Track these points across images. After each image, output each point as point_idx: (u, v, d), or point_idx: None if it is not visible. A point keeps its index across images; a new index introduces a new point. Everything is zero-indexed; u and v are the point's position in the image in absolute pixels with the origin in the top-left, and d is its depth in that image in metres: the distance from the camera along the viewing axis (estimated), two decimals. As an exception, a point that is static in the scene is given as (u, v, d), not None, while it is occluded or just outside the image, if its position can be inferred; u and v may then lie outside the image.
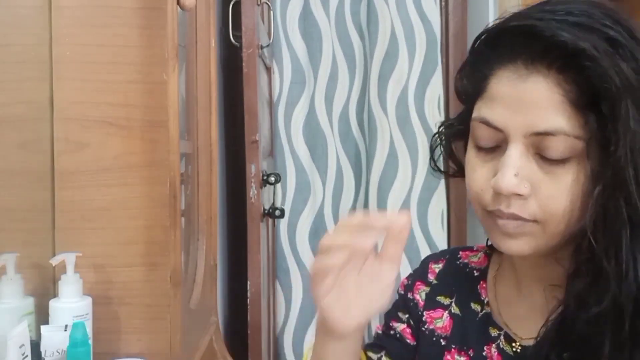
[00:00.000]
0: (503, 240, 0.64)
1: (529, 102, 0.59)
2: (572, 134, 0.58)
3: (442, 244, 2.18)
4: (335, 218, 2.24)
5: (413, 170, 2.17)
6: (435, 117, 2.17)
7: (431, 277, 0.81)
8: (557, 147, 0.58)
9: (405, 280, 0.84)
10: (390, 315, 0.82)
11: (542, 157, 0.60)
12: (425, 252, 2.14)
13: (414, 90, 2.18)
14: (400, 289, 0.83)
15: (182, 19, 1.16)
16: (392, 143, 2.18)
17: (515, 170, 0.60)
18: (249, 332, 1.77)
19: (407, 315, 0.80)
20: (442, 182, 2.19)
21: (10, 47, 0.97)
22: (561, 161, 0.59)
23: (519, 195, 0.60)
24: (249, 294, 1.77)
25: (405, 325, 0.80)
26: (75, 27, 0.97)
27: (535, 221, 0.61)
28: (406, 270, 0.89)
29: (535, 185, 0.60)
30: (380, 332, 0.83)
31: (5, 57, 0.97)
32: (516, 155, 0.60)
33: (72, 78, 0.97)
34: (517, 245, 0.63)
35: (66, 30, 0.97)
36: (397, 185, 2.17)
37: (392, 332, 0.81)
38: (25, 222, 0.97)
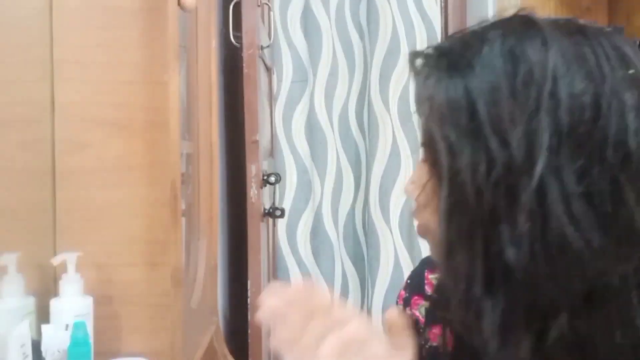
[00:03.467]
0: None
1: None
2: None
3: (442, 244, 2.18)
4: (335, 218, 2.24)
5: (414, 169, 2.18)
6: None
7: (429, 290, 0.78)
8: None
9: (403, 293, 0.80)
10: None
11: None
12: (427, 252, 2.14)
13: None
14: (398, 301, 0.80)
15: (183, 20, 1.17)
16: (394, 141, 2.18)
17: (414, 177, 0.61)
18: (249, 332, 1.77)
19: None
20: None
21: (11, 48, 0.97)
22: None
23: (415, 201, 0.61)
24: (249, 294, 1.77)
25: None
26: (76, 28, 0.97)
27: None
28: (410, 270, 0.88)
29: (428, 196, 0.59)
30: None
31: (6, 58, 0.97)
32: (419, 163, 0.61)
33: (73, 78, 0.97)
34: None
35: (67, 30, 0.97)
36: (400, 184, 2.17)
37: None
38: (26, 221, 0.97)
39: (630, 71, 0.53)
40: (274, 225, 2.21)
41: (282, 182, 2.17)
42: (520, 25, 0.56)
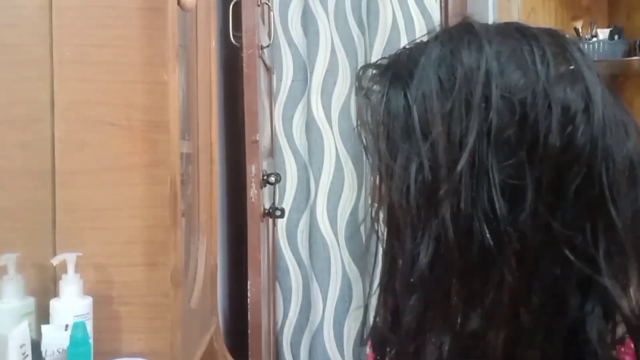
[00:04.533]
0: None
1: None
2: None
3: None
4: (332, 218, 2.23)
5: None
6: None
7: None
8: None
9: None
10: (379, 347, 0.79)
11: None
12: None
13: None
14: None
15: (183, 20, 1.17)
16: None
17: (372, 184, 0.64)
18: (249, 332, 1.77)
19: None
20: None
21: (11, 48, 0.97)
22: None
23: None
24: (249, 294, 1.77)
25: None
26: (76, 28, 0.97)
27: None
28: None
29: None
30: None
31: (6, 57, 0.97)
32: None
33: (72, 78, 0.97)
34: None
35: (67, 30, 0.97)
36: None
37: None
38: (26, 221, 0.97)
39: (571, 67, 0.54)
40: (274, 225, 2.21)
41: (282, 182, 2.17)
42: (458, 32, 0.58)
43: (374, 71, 0.61)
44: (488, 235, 0.52)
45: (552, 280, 0.53)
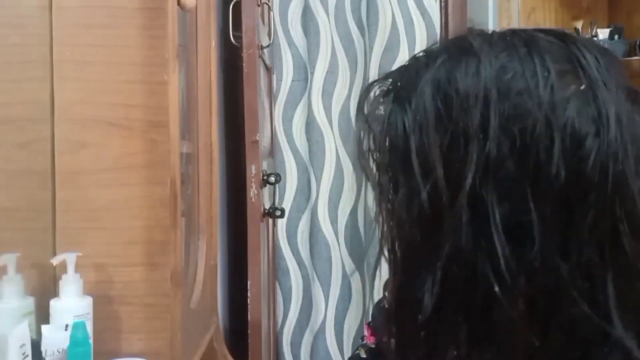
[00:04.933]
0: None
1: None
2: None
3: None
4: (333, 218, 2.23)
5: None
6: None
7: None
8: None
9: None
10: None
11: None
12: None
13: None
14: (369, 339, 0.80)
15: (183, 20, 1.17)
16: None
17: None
18: (249, 332, 1.77)
19: None
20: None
21: (11, 48, 0.97)
22: None
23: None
24: (249, 294, 1.77)
25: None
26: (76, 28, 0.97)
27: None
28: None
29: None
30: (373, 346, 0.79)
31: (6, 57, 0.97)
32: None
33: (72, 78, 0.97)
34: None
35: (67, 30, 0.97)
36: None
37: None
38: (25, 222, 0.97)
39: (582, 87, 0.50)
40: (274, 225, 2.21)
41: (282, 182, 2.17)
42: (455, 51, 0.54)
43: (379, 90, 0.57)
44: (492, 277, 0.48)
45: (567, 326, 0.49)
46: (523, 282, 0.48)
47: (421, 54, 0.57)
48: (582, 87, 0.50)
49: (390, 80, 0.57)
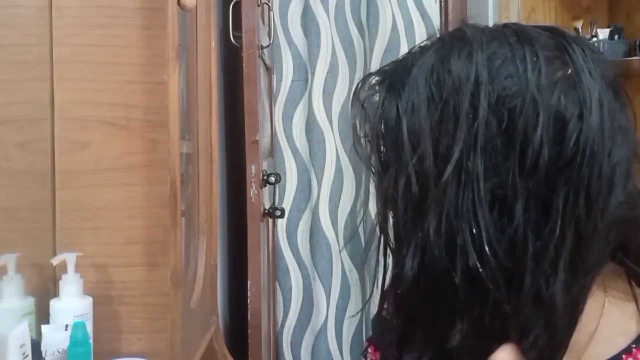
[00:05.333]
0: None
1: None
2: None
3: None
4: (333, 218, 2.23)
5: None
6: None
7: None
8: None
9: None
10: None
11: None
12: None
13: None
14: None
15: (183, 20, 1.17)
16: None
17: None
18: (249, 332, 1.77)
19: None
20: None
21: (10, 48, 0.97)
22: None
23: None
24: (249, 294, 1.77)
25: None
26: (76, 28, 0.97)
27: None
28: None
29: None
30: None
31: (6, 58, 0.97)
32: None
33: (72, 78, 0.97)
34: None
35: (67, 30, 0.97)
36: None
37: None
38: (25, 222, 0.97)
39: (568, 72, 0.53)
40: (274, 225, 2.21)
41: (282, 182, 2.17)
42: (451, 40, 0.57)
43: (375, 80, 0.60)
44: (471, 249, 0.51)
45: (539, 298, 0.51)
46: (502, 255, 0.51)
47: (416, 48, 0.59)
48: (569, 72, 0.53)
49: (386, 69, 0.60)
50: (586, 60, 0.54)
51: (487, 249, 0.51)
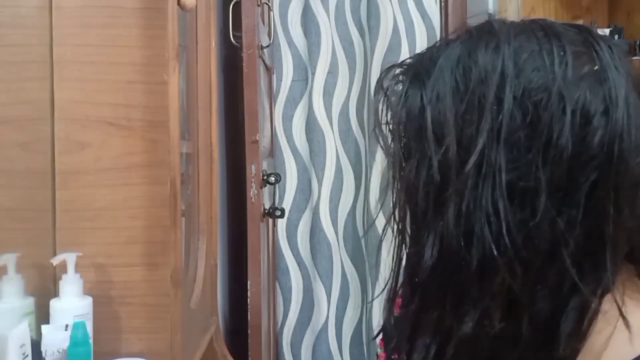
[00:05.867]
0: None
1: None
2: None
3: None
4: (334, 218, 2.24)
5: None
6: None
7: None
8: None
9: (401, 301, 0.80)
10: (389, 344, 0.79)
11: None
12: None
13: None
14: (396, 310, 0.79)
15: (183, 20, 1.17)
16: (394, 139, 2.17)
17: None
18: (249, 332, 1.77)
19: None
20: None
21: (11, 48, 0.97)
22: None
23: None
24: (249, 294, 1.77)
25: None
26: (76, 28, 0.97)
27: None
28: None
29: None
30: None
31: (6, 58, 0.97)
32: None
33: (72, 78, 0.97)
34: None
35: (67, 30, 0.97)
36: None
37: None
38: (25, 222, 0.97)
39: (595, 67, 0.53)
40: (274, 225, 2.21)
41: (282, 182, 2.17)
42: (478, 32, 0.57)
43: (398, 70, 0.60)
44: (490, 239, 0.51)
45: (556, 290, 0.52)
46: (521, 246, 0.51)
47: (441, 41, 0.60)
48: (596, 68, 0.53)
49: (409, 61, 0.60)
50: (613, 57, 0.54)
51: (505, 239, 0.51)
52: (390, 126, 0.59)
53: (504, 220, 0.51)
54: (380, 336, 0.77)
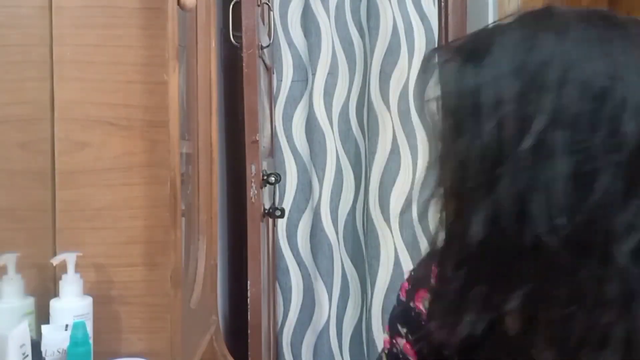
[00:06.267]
0: None
1: None
2: None
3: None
4: (334, 218, 2.24)
5: (414, 167, 2.18)
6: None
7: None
8: None
9: (407, 285, 0.77)
10: (393, 329, 0.77)
11: None
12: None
13: (414, 87, 2.18)
14: (401, 294, 0.77)
15: (183, 20, 1.17)
16: (394, 140, 2.18)
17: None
18: (249, 332, 1.78)
19: (405, 329, 0.75)
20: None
21: (11, 48, 0.97)
22: None
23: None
24: (249, 294, 1.77)
25: (405, 341, 0.74)
26: (76, 28, 0.97)
27: None
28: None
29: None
30: (386, 351, 0.78)
31: (6, 58, 0.97)
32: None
33: (72, 78, 0.97)
34: None
35: (67, 30, 0.97)
36: (400, 183, 2.17)
37: (395, 349, 0.76)
38: (25, 222, 0.97)
39: None
40: (274, 225, 2.21)
41: (282, 182, 2.17)
42: (538, 17, 0.58)
43: (450, 49, 0.61)
44: (543, 218, 0.51)
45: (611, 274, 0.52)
46: (575, 227, 0.51)
47: (494, 23, 0.60)
48: None
49: (462, 39, 0.61)
50: None
51: (559, 220, 0.51)
52: (441, 103, 0.59)
53: (558, 200, 0.51)
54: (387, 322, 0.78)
